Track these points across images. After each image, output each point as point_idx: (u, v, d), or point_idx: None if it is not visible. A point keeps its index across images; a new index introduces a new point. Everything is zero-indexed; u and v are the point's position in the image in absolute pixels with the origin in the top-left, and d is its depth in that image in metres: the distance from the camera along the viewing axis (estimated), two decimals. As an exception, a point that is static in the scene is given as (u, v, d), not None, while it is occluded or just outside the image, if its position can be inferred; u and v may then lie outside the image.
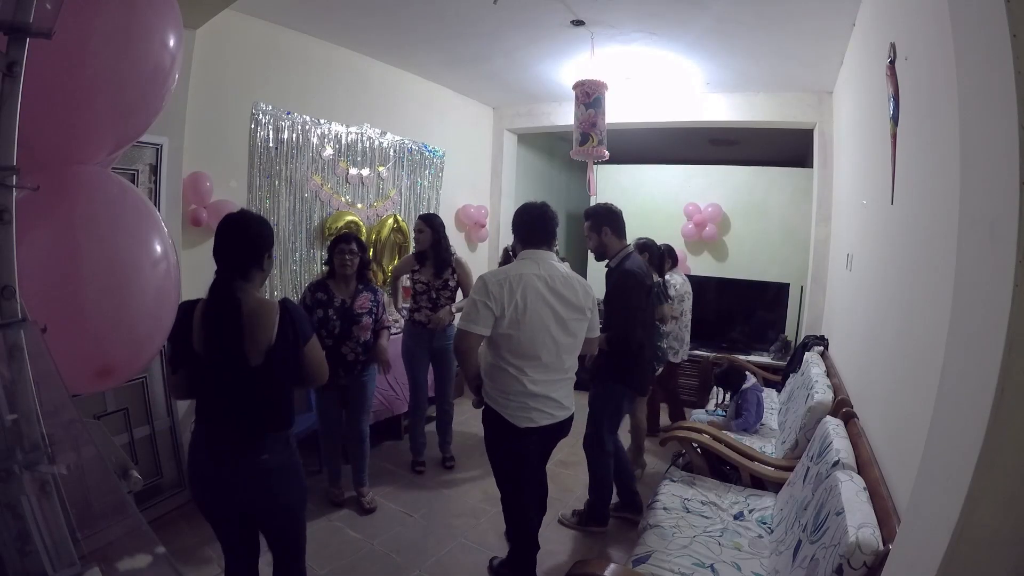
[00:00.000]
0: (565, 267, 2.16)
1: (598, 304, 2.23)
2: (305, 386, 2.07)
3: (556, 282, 2.02)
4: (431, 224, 3.19)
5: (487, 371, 2.10)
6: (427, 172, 4.59)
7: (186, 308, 1.58)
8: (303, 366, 1.65)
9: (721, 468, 2.64)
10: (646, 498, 2.52)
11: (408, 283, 4.09)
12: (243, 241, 1.60)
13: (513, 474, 2.14)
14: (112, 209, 1.55)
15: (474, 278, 2.42)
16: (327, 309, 2.62)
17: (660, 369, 3.39)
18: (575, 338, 2.10)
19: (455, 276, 3.24)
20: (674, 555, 1.90)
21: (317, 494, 2.87)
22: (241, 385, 1.55)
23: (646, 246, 3.33)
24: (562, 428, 2.15)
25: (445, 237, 3.23)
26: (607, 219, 2.63)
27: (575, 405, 2.19)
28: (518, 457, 2.10)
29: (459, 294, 3.34)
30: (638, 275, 2.53)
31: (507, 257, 3.67)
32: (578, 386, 2.21)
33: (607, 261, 2.67)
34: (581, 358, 2.22)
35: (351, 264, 2.66)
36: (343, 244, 2.65)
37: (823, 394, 2.48)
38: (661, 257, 3.48)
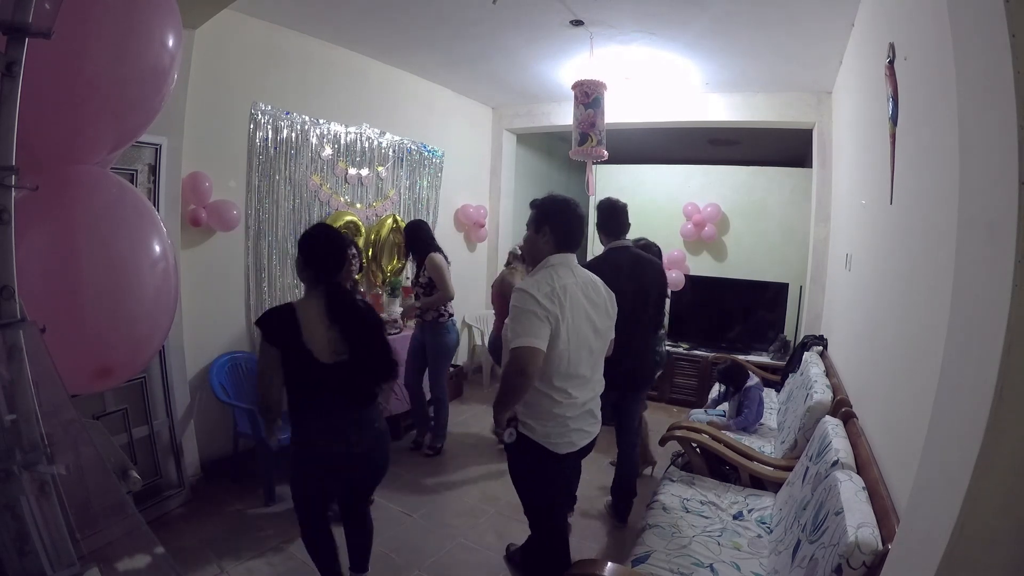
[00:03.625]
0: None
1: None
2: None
3: (589, 289, 1.91)
4: None
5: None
6: (426, 172, 4.59)
7: (288, 311, 1.75)
8: None
9: (720, 468, 2.64)
10: (645, 498, 2.52)
11: (407, 283, 4.11)
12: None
13: (549, 501, 1.97)
14: (111, 209, 1.56)
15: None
16: None
17: (659, 372, 3.41)
18: (605, 343, 1.98)
19: None
20: (673, 555, 1.90)
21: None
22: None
23: (648, 247, 3.33)
24: (594, 442, 2.02)
25: None
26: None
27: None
28: (555, 485, 1.95)
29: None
30: (590, 264, 2.49)
31: (513, 259, 3.66)
32: None
33: None
34: None
35: (355, 268, 2.64)
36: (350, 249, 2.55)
37: (822, 394, 2.48)
38: (660, 256, 3.47)
